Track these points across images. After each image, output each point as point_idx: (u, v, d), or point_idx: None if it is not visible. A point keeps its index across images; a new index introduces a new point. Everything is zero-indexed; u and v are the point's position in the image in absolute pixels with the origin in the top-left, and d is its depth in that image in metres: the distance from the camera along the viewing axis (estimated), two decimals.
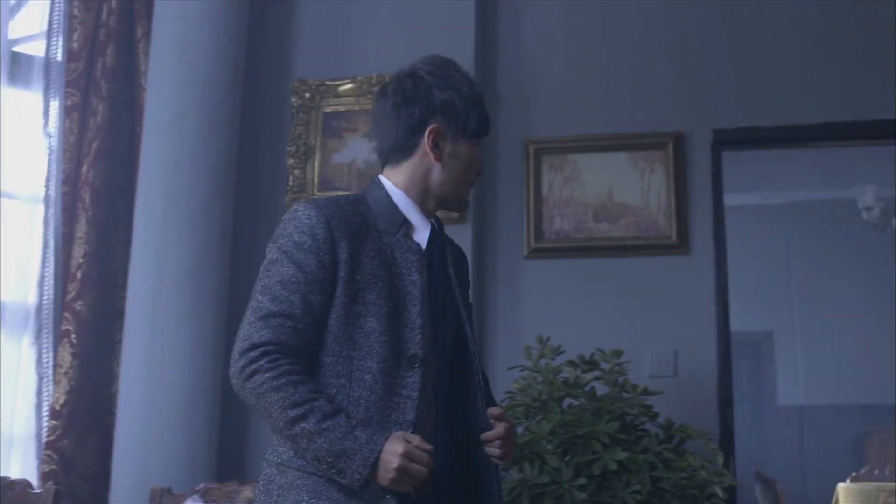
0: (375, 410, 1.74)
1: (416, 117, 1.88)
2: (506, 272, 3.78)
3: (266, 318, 1.73)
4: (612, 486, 2.79)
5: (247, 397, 1.72)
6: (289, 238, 1.79)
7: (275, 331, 1.71)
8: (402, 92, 1.89)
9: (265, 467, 1.81)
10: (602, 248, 3.72)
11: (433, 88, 1.88)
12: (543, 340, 3.16)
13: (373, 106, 1.97)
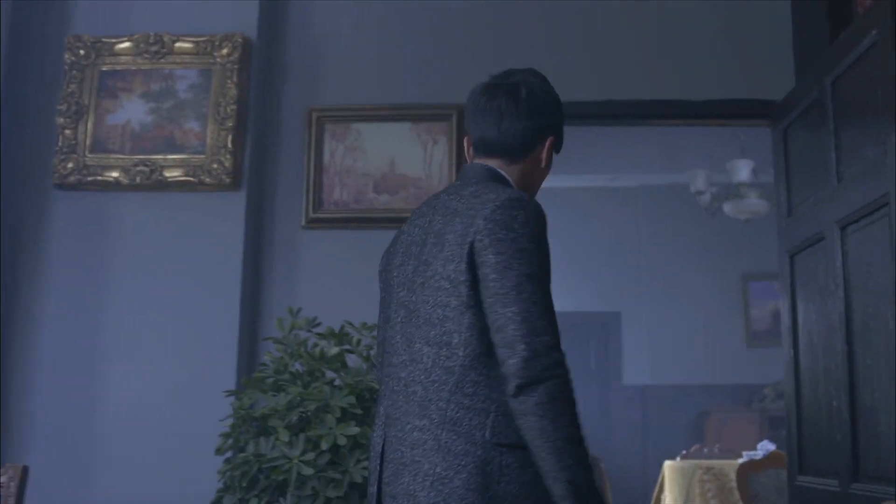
0: None
1: (541, 127, 2.00)
2: (283, 242, 3.69)
3: (552, 313, 1.74)
4: (344, 461, 2.71)
5: (540, 391, 1.67)
6: (535, 225, 1.81)
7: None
8: (534, 100, 1.99)
9: (456, 441, 1.72)
10: (382, 220, 3.65)
11: (556, 105, 2.04)
12: (294, 311, 3.06)
13: (492, 99, 2.01)
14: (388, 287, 2.04)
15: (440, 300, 1.81)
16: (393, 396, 1.87)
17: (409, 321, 1.88)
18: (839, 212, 2.98)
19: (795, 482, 3.38)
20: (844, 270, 2.96)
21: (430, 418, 1.76)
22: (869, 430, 2.80)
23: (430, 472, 1.73)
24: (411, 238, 1.98)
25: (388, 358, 1.95)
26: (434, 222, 1.91)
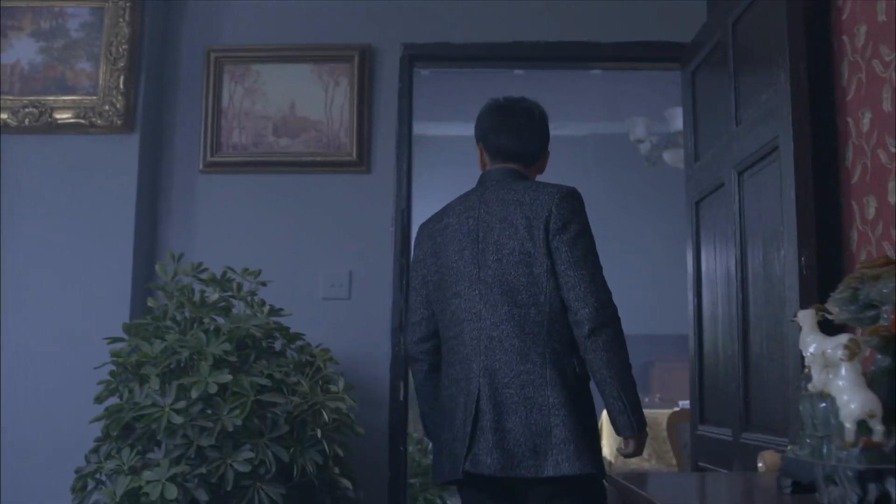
0: None
1: (545, 142, 2.67)
2: (180, 186, 3.58)
3: (604, 277, 2.42)
4: (217, 409, 2.64)
5: (607, 332, 2.31)
6: (585, 212, 2.50)
7: None
8: (543, 122, 2.65)
9: (558, 376, 2.31)
10: (281, 164, 3.55)
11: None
12: (175, 257, 2.97)
13: (512, 117, 2.60)
14: (446, 269, 2.51)
15: (522, 271, 2.38)
16: (488, 352, 2.37)
17: (491, 291, 2.40)
18: (737, 157, 2.91)
19: (697, 431, 3.34)
20: (741, 217, 2.89)
21: (532, 362, 2.32)
22: (759, 379, 2.75)
23: (545, 403, 2.28)
24: (466, 227, 2.49)
25: (467, 325, 2.42)
26: (491, 212, 2.45)
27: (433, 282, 2.56)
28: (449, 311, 2.49)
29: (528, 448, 2.28)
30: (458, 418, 2.37)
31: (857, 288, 1.82)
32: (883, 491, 1.59)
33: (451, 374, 2.47)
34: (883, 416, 1.68)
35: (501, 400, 2.33)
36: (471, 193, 2.58)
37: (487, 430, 2.30)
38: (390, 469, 3.35)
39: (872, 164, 2.33)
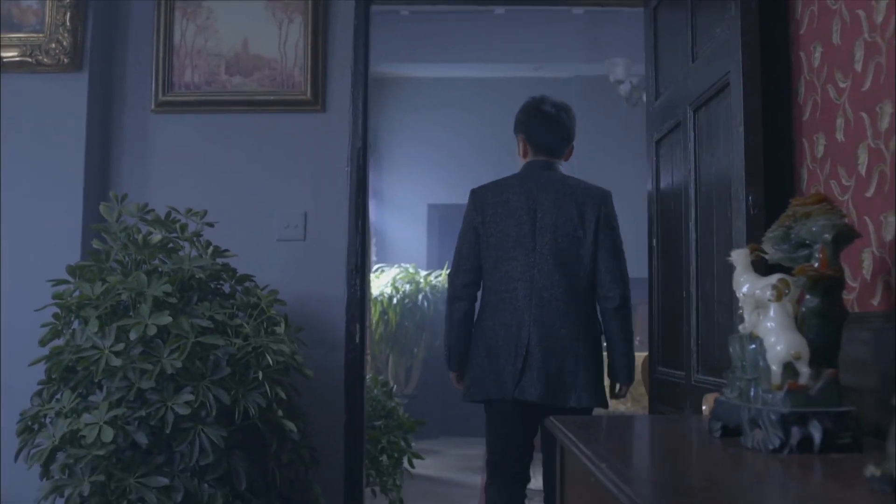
0: None
1: (573, 137, 3.44)
2: (132, 127, 3.50)
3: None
4: (158, 351, 2.59)
5: (627, 309, 3.29)
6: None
7: None
8: (573, 122, 3.44)
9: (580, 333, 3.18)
10: (234, 103, 3.47)
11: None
12: (119, 198, 2.90)
13: (554, 118, 3.39)
14: (504, 235, 3.22)
15: (572, 251, 3.19)
16: (539, 309, 3.14)
17: (546, 262, 3.16)
18: (692, 94, 2.83)
19: (654, 374, 3.31)
20: (695, 155, 2.83)
21: (570, 322, 3.15)
22: (710, 322, 2.71)
23: (577, 353, 3.14)
24: (526, 206, 3.22)
25: (521, 284, 3.16)
26: (549, 199, 3.22)
27: (488, 243, 3.23)
28: (503, 270, 3.19)
29: (560, 385, 3.10)
30: (505, 355, 3.13)
31: (790, 227, 1.77)
32: (806, 434, 1.56)
33: (500, 319, 3.16)
34: (810, 358, 1.64)
35: (546, 346, 3.11)
36: (525, 178, 3.29)
37: (534, 368, 3.09)
38: (346, 412, 3.32)
39: (822, 100, 2.26)
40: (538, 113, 3.37)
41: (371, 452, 3.90)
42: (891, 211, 1.87)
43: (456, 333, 3.26)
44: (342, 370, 3.33)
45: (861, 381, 1.85)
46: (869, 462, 1.18)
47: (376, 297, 8.10)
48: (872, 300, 1.95)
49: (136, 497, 2.51)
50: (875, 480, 1.18)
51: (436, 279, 8.57)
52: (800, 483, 1.30)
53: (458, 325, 3.26)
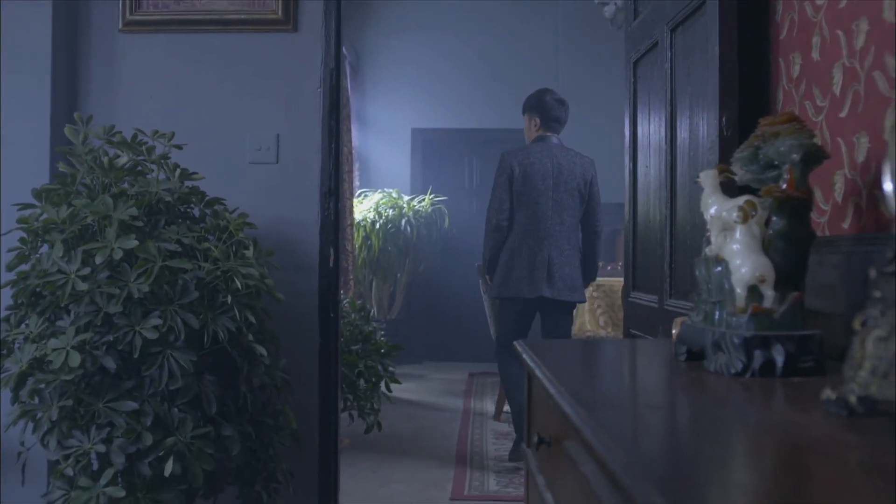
0: None
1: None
2: (99, 47, 3.41)
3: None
4: (125, 275, 2.56)
5: (601, 237, 5.06)
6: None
7: None
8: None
9: (575, 253, 4.98)
10: (204, 22, 3.38)
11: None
12: (84, 119, 2.84)
13: (562, 105, 5.04)
14: (530, 185, 4.86)
15: (575, 200, 4.91)
16: (554, 237, 4.86)
17: (558, 206, 4.85)
18: (669, 13, 2.77)
19: (629, 298, 3.29)
20: (671, 77, 2.77)
21: (571, 246, 4.90)
22: (683, 246, 2.69)
23: (574, 266, 4.91)
24: (548, 166, 4.87)
25: (543, 221, 4.85)
26: (562, 163, 4.88)
27: (519, 191, 4.87)
28: (531, 210, 4.87)
29: (565, 287, 4.87)
30: (531, 267, 4.84)
31: (758, 147, 1.73)
32: (768, 358, 1.54)
33: (529, 243, 4.87)
34: (776, 281, 1.61)
35: (558, 262, 4.87)
36: (543, 147, 4.92)
37: (551, 276, 4.85)
38: (321, 335, 3.30)
39: (800, 17, 2.20)
40: (549, 98, 4.99)
41: (348, 377, 3.90)
42: (864, 132, 1.83)
43: (494, 250, 4.95)
44: (317, 294, 3.30)
45: (830, 305, 1.84)
46: (828, 386, 1.17)
47: (359, 223, 8.06)
48: (843, 223, 1.93)
49: (106, 421, 2.50)
50: (831, 403, 1.17)
51: (419, 204, 8.53)
52: (757, 406, 1.28)
53: (496, 245, 4.95)
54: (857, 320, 1.15)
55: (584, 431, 1.07)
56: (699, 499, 0.79)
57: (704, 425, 1.19)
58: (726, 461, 0.97)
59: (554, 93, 5.01)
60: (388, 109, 9.47)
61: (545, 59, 9.13)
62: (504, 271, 4.86)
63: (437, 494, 4.50)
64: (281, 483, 2.91)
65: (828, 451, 0.97)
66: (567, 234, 4.86)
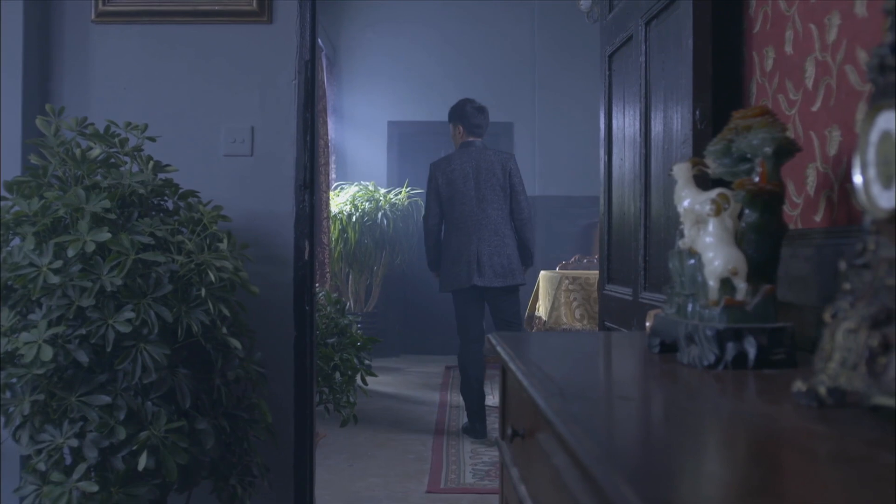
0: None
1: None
2: (72, 38, 3.38)
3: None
4: (97, 268, 2.54)
5: (531, 222, 5.62)
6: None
7: None
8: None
9: (505, 241, 5.52)
10: (178, 14, 3.35)
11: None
12: (55, 111, 2.81)
13: (482, 113, 5.66)
14: (454, 188, 5.48)
15: (497, 193, 5.46)
16: (478, 230, 5.44)
17: (481, 203, 5.45)
18: (644, 6, 2.77)
19: (604, 291, 3.30)
20: (646, 70, 2.77)
21: (502, 235, 5.46)
22: (657, 238, 2.70)
23: (510, 254, 5.48)
24: (468, 169, 5.46)
25: (470, 218, 5.45)
26: (482, 163, 5.47)
27: (445, 195, 5.51)
28: (458, 211, 5.48)
29: (494, 275, 5.41)
30: (463, 261, 5.41)
31: (731, 140, 1.73)
32: (741, 350, 1.55)
33: (460, 240, 5.48)
34: (748, 273, 1.62)
35: (487, 253, 5.41)
36: (464, 152, 5.53)
37: (480, 266, 5.40)
38: (296, 328, 3.29)
39: (773, 11, 2.21)
40: (470, 107, 5.60)
41: (324, 370, 3.89)
42: (836, 125, 1.84)
43: (433, 250, 5.63)
44: (292, 287, 3.29)
45: (802, 297, 1.85)
46: (799, 377, 1.18)
47: (335, 215, 8.04)
48: (815, 216, 1.94)
49: (79, 415, 2.49)
50: (801, 395, 1.18)
51: (395, 197, 8.52)
52: (729, 398, 1.29)
53: (434, 245, 5.63)
54: (827, 312, 1.16)
55: (556, 423, 1.07)
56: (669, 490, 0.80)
57: (676, 417, 1.20)
58: (698, 452, 0.98)
59: (474, 102, 5.62)
60: (365, 102, 9.45)
61: (522, 53, 9.14)
62: (445, 267, 5.54)
63: (414, 487, 4.50)
64: (256, 477, 2.90)
65: (798, 442, 0.98)
66: (494, 226, 5.42)
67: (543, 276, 6.63)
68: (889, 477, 0.80)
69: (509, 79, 9.08)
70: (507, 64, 8.98)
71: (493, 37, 9.14)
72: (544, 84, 9.03)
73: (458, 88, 8.93)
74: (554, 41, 8.95)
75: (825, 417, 1.06)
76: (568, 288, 6.13)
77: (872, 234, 1.08)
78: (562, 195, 8.96)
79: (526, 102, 9.08)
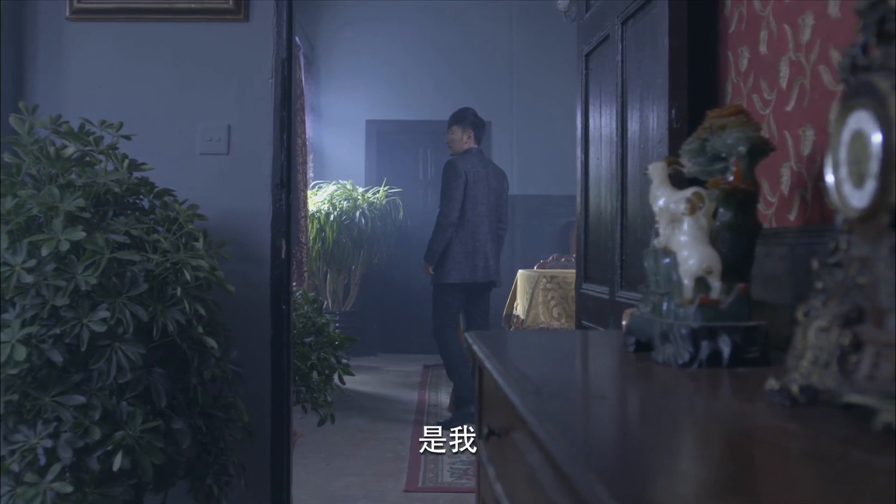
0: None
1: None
2: (46, 35, 3.35)
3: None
4: (72, 267, 2.51)
5: (505, 233, 6.44)
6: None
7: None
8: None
9: (500, 248, 6.42)
10: (153, 11, 3.33)
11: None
12: (29, 109, 2.78)
13: (483, 123, 6.30)
14: (476, 191, 5.98)
15: (498, 202, 6.20)
16: (488, 234, 6.04)
17: (490, 208, 6.07)
18: (620, 6, 2.78)
19: (580, 290, 3.31)
20: (622, 70, 2.78)
21: (495, 241, 6.17)
22: (633, 238, 2.71)
23: (497, 257, 6.16)
24: (484, 173, 6.07)
25: (482, 220, 6.02)
26: (490, 172, 6.13)
27: (467, 194, 5.93)
28: (476, 211, 5.98)
29: (494, 272, 6.10)
30: (482, 255, 5.99)
31: (706, 139, 1.74)
32: (715, 348, 1.56)
33: (476, 235, 5.97)
34: (723, 272, 1.63)
35: (490, 254, 6.03)
36: (476, 156, 6.10)
37: (488, 261, 6.04)
38: (273, 327, 3.28)
39: (748, 11, 2.23)
40: (474, 115, 6.13)
41: (301, 369, 3.88)
42: (809, 125, 1.85)
43: (444, 243, 5.96)
44: (269, 286, 3.28)
45: (776, 296, 1.86)
46: (772, 376, 1.18)
47: (313, 214, 8.02)
48: (789, 215, 1.95)
49: (53, 416, 2.46)
50: (774, 394, 1.18)
51: (373, 196, 8.50)
52: (703, 396, 1.29)
53: (446, 238, 5.95)
54: (800, 311, 1.17)
55: (531, 421, 1.07)
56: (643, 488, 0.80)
57: (651, 415, 1.20)
58: (672, 451, 0.98)
59: (479, 117, 6.23)
60: (343, 101, 9.43)
61: (500, 52, 9.15)
62: (456, 260, 6.02)
63: (392, 486, 4.50)
64: (233, 476, 2.89)
65: (771, 440, 0.99)
66: (494, 230, 6.16)
67: (521, 274, 6.64)
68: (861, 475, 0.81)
69: (487, 77, 9.08)
70: (485, 63, 8.99)
71: (472, 36, 9.14)
72: (522, 83, 9.05)
73: (436, 87, 8.93)
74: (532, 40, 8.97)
75: (798, 416, 1.07)
76: (545, 287, 6.14)
77: (844, 233, 1.08)
78: (539, 194, 8.98)
79: (504, 101, 9.09)
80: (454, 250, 5.90)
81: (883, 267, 0.98)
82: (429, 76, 9.16)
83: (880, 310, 0.97)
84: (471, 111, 6.12)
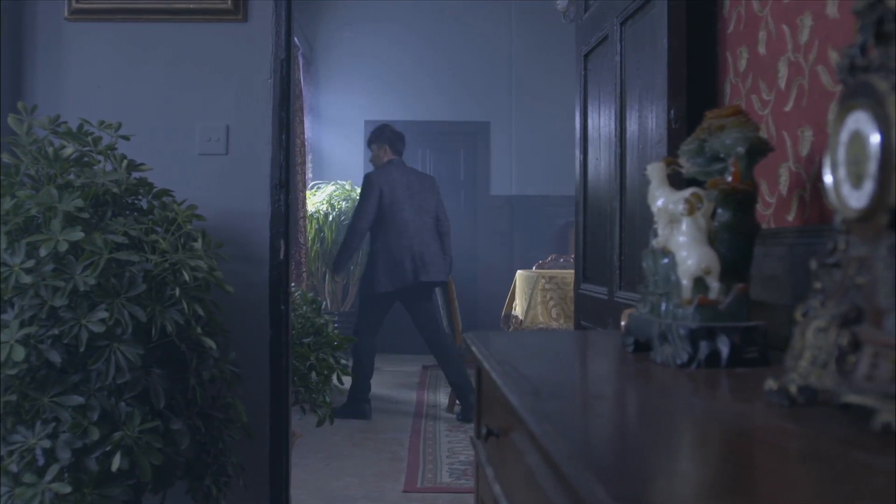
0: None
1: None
2: (45, 35, 3.35)
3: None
4: (70, 268, 2.51)
5: (448, 234, 6.43)
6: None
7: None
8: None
9: (442, 247, 6.45)
10: (152, 11, 3.33)
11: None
12: (27, 109, 2.78)
13: (402, 138, 6.43)
14: (395, 198, 6.13)
15: (430, 204, 6.25)
16: (417, 237, 6.11)
17: (418, 211, 6.18)
18: (619, 7, 2.78)
19: (579, 290, 3.31)
20: (621, 70, 2.78)
21: (435, 241, 6.23)
22: (632, 238, 2.71)
23: (441, 256, 6.23)
24: (405, 182, 6.19)
25: (408, 225, 6.13)
26: (412, 180, 6.26)
27: (385, 203, 6.08)
28: (399, 217, 6.09)
29: (437, 271, 6.12)
30: (404, 263, 6.03)
31: (704, 140, 1.74)
32: (714, 349, 1.56)
33: (403, 241, 6.09)
34: (721, 272, 1.63)
35: (426, 255, 6.07)
36: (397, 168, 6.26)
37: (426, 264, 6.05)
38: (271, 327, 3.28)
39: (747, 12, 2.23)
40: (396, 133, 6.33)
41: (300, 370, 3.88)
42: (808, 125, 1.85)
43: (355, 251, 6.43)
44: (267, 287, 3.28)
45: (774, 296, 1.86)
46: (771, 376, 1.18)
47: (312, 214, 8.01)
48: (788, 216, 1.95)
49: (51, 416, 2.46)
50: (773, 394, 1.18)
51: None
52: (701, 397, 1.29)
53: (358, 247, 6.36)
54: (798, 311, 1.17)
55: (529, 421, 1.07)
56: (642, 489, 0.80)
57: (649, 415, 1.20)
58: (670, 451, 0.98)
59: (393, 126, 6.42)
60: (342, 101, 9.43)
61: (499, 52, 9.15)
62: (385, 268, 6.24)
63: (390, 487, 4.50)
64: (231, 477, 2.89)
65: (770, 440, 0.99)
66: (430, 231, 6.26)
67: (520, 275, 6.64)
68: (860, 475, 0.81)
69: (486, 78, 9.09)
70: (484, 63, 8.99)
71: (471, 36, 9.14)
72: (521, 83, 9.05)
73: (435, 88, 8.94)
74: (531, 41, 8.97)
75: (796, 416, 1.07)
76: (544, 287, 6.14)
77: (843, 233, 1.08)
78: (538, 195, 8.99)
79: (502, 102, 9.10)
80: (379, 259, 6.08)
81: (881, 267, 0.98)
82: (428, 76, 9.16)
83: (879, 310, 0.97)
84: (388, 128, 6.31)
